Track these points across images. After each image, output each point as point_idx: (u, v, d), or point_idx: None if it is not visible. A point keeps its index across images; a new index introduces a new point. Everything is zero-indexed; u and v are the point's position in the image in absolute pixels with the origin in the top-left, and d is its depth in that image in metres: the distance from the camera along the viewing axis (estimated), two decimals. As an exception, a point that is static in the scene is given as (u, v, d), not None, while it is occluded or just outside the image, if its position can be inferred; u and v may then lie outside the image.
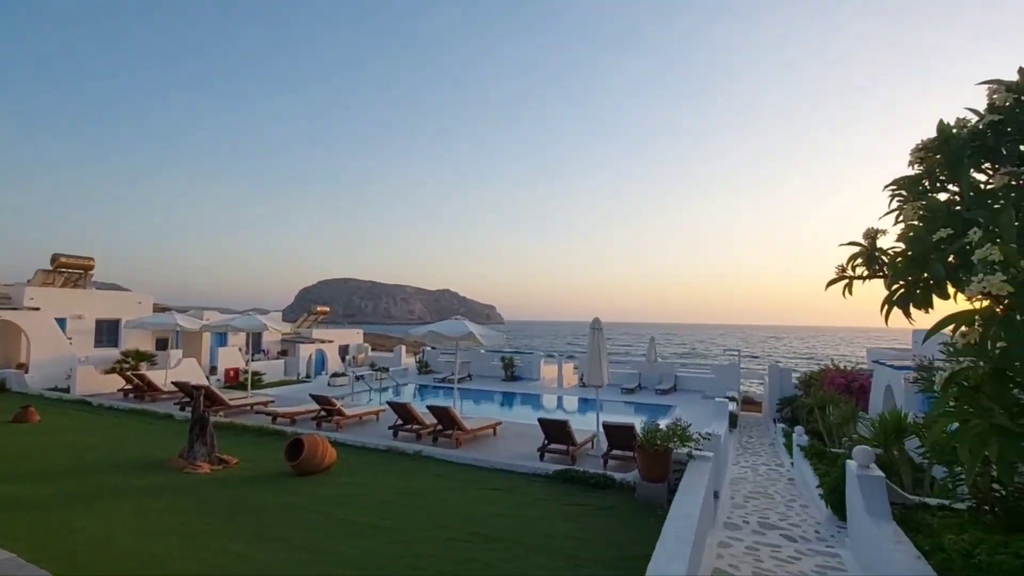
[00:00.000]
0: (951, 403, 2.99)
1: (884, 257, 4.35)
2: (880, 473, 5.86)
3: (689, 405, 17.64)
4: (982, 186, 3.70)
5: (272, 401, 14.95)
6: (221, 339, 23.72)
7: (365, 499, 7.00)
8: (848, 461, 6.45)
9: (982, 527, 4.90)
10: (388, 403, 11.72)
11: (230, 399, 13.90)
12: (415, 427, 10.99)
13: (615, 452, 9.15)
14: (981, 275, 2.59)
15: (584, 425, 11.00)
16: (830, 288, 4.78)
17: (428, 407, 10.90)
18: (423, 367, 25.18)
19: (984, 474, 5.37)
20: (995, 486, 5.10)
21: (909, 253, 3.90)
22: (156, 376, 16.86)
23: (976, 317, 2.69)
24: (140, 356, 19.79)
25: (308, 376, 24.16)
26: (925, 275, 3.84)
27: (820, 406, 15.11)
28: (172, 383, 15.69)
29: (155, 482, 7.59)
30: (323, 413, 12.28)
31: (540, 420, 9.67)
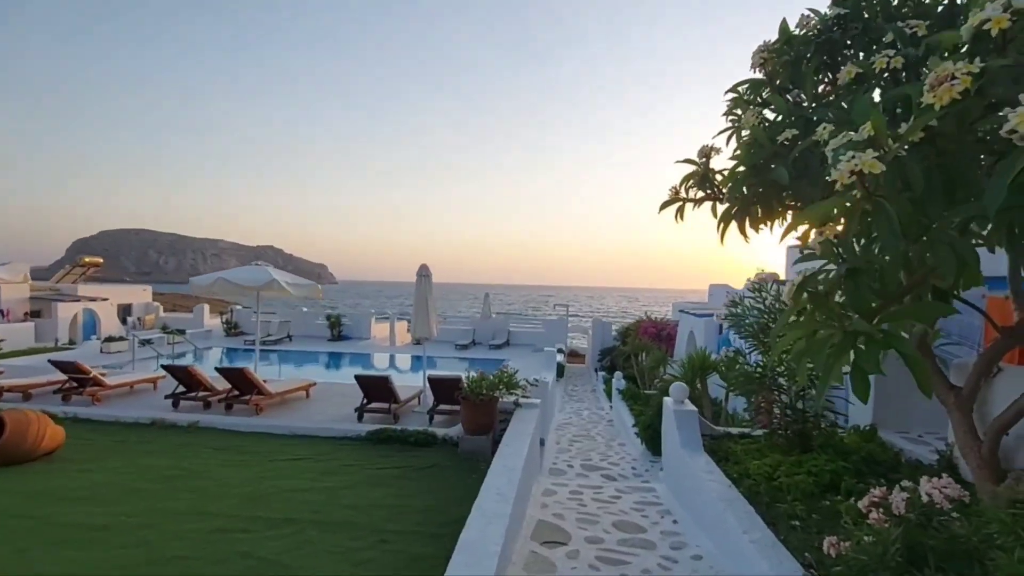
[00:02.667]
0: (797, 316, 2.68)
1: (718, 177, 4.09)
2: (693, 408, 5.98)
3: (522, 358, 17.86)
4: (826, 88, 3.51)
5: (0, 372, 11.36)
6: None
7: (104, 491, 5.24)
8: (665, 398, 6.55)
9: (779, 451, 5.16)
10: (163, 367, 9.47)
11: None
12: (202, 394, 9.03)
13: (442, 407, 8.45)
14: (850, 153, 2.19)
15: (417, 382, 10.13)
16: (663, 212, 4.45)
17: (218, 369, 9.01)
18: (231, 328, 21.91)
19: (774, 402, 5.72)
20: (789, 412, 5.42)
21: (747, 164, 3.63)
22: None
23: (840, 207, 2.34)
24: None
25: (72, 342, 19.40)
26: (761, 190, 3.59)
27: (635, 353, 16.35)
28: None
29: None
30: (72, 384, 9.52)
31: (357, 377, 8.52)
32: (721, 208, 3.66)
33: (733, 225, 3.59)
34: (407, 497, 5.09)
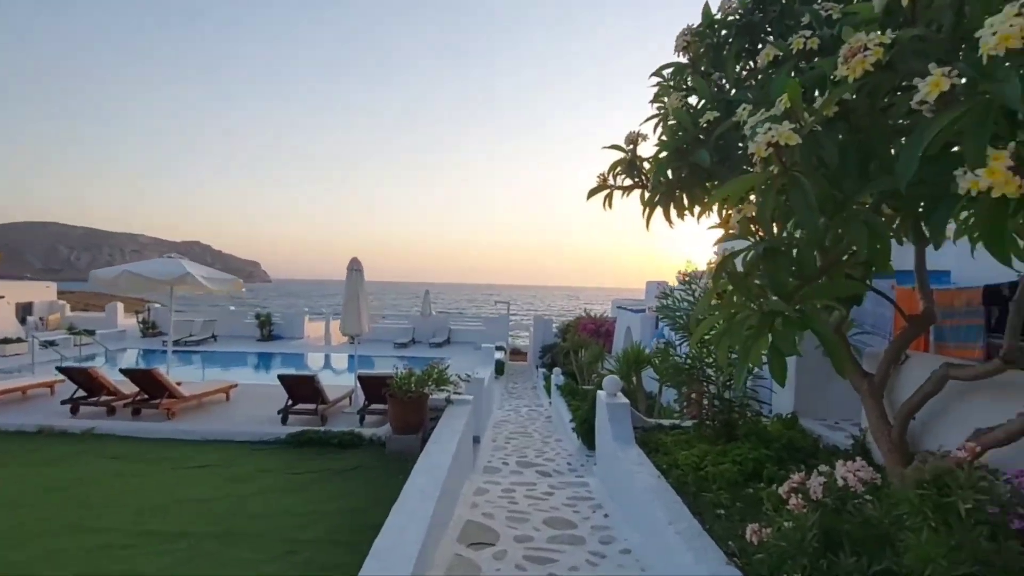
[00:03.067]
0: (717, 298, 2.61)
1: (645, 164, 4.02)
2: (625, 400, 5.96)
3: (462, 356, 17.59)
4: (746, 72, 3.50)
5: None
6: None
7: (-32, 509, 4.58)
8: (599, 392, 6.51)
9: (707, 440, 5.21)
10: (59, 369, 8.54)
11: None
12: (105, 399, 8.20)
13: (374, 406, 8.07)
14: (767, 124, 2.12)
15: (352, 382, 9.65)
16: (591, 199, 4.35)
17: (123, 371, 8.21)
18: (148, 328, 20.34)
19: (702, 393, 5.79)
20: (716, 402, 5.49)
21: (670, 148, 3.57)
22: None
23: (757, 184, 2.26)
24: None
25: (-44, 345, 17.33)
26: (684, 175, 3.54)
27: (574, 349, 16.47)
28: None
29: None
30: (-54, 391, 8.41)
31: (281, 377, 8.00)
32: (647, 197, 3.60)
33: (660, 213, 3.55)
34: (324, 502, 4.74)
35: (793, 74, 2.74)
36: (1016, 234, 2.65)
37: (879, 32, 1.86)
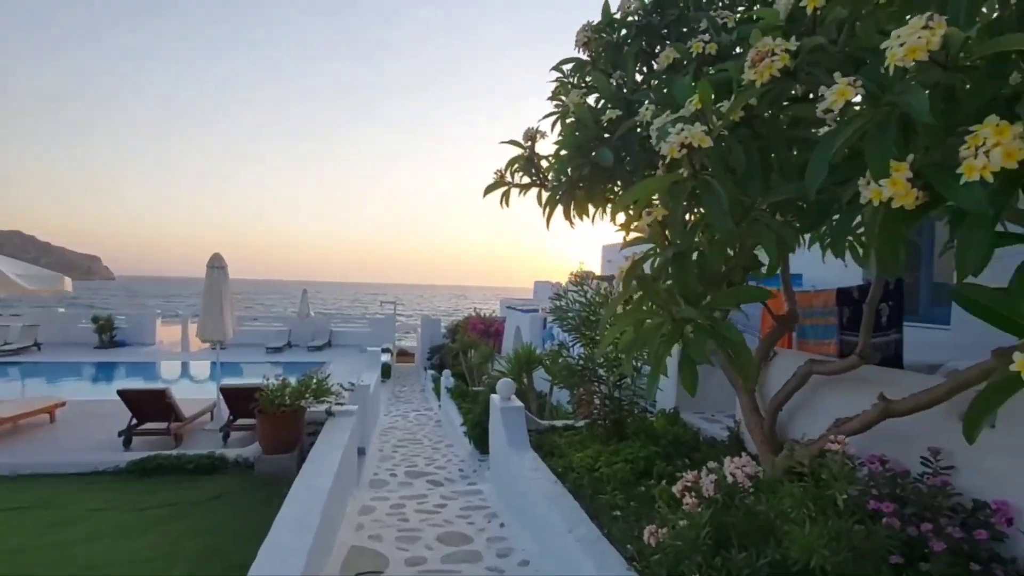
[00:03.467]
0: (624, 306, 2.54)
1: (544, 163, 3.92)
2: (520, 404, 5.87)
3: (344, 359, 16.58)
4: (644, 74, 3.51)
5: None
6: None
7: None
8: (492, 395, 6.36)
9: (599, 440, 5.27)
10: None
11: None
12: None
13: (240, 421, 7.20)
14: (679, 125, 2.06)
15: (214, 394, 8.50)
16: (487, 196, 4.16)
17: None
18: (-55, 337, 16.58)
19: (595, 393, 5.89)
20: (607, 402, 5.59)
21: (571, 145, 3.48)
22: None
23: (666, 185, 2.20)
24: None
25: None
26: (585, 172, 3.47)
27: (464, 350, 16.27)
28: None
29: None
30: None
31: (121, 392, 6.83)
32: (547, 195, 3.49)
33: (560, 212, 3.46)
34: (177, 543, 4.03)
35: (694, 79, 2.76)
36: (856, 243, 2.93)
37: (783, 39, 1.87)
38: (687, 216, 2.26)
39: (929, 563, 2.50)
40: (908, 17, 1.42)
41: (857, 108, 1.76)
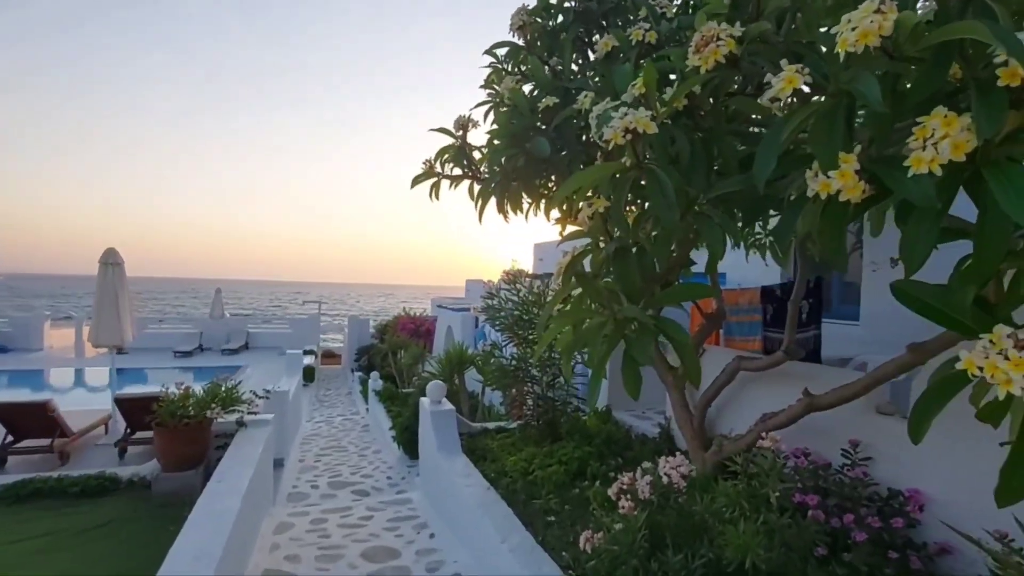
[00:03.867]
0: (563, 305, 2.40)
1: (477, 153, 3.72)
2: (451, 407, 5.65)
3: (264, 363, 15.57)
4: (581, 62, 3.40)
5: None
6: None
7: None
8: (422, 398, 6.09)
9: (533, 442, 5.15)
10: None
11: None
12: None
13: (139, 436, 6.46)
14: (623, 109, 1.94)
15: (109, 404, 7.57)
16: (416, 188, 3.91)
17: None
18: None
19: (527, 393, 5.79)
20: (540, 402, 5.49)
21: (506, 135, 3.31)
22: None
23: (609, 175, 2.07)
24: None
25: None
26: (520, 163, 3.30)
27: (393, 351, 15.75)
28: None
29: None
30: None
31: (-11, 407, 5.94)
32: (479, 187, 3.30)
33: (493, 205, 3.28)
34: (50, 582, 3.47)
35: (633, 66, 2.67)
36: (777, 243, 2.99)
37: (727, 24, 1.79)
38: (627, 209, 2.15)
39: (851, 553, 2.56)
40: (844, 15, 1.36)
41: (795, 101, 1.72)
